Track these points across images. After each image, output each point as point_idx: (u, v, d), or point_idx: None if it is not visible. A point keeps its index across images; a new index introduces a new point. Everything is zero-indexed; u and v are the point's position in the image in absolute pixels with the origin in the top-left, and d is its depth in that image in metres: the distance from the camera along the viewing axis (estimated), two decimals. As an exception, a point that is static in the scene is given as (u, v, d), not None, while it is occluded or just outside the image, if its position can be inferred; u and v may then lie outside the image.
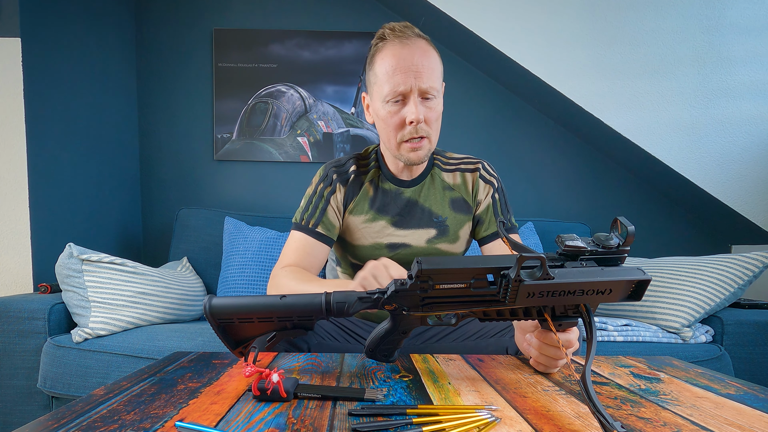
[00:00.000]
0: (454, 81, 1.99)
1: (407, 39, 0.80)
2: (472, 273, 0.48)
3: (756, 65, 1.60)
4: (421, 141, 0.83)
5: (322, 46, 1.98)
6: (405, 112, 0.81)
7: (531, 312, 0.53)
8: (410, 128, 0.81)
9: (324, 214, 0.90)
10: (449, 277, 0.48)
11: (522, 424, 0.40)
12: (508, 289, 0.46)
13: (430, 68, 0.80)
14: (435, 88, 0.81)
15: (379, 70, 0.82)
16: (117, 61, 1.87)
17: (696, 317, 1.25)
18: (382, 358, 0.62)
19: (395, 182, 0.93)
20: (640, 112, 1.65)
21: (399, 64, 0.79)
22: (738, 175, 1.64)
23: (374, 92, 0.85)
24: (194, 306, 1.51)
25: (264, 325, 0.57)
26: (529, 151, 2.02)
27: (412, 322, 0.56)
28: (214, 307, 0.55)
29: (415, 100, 0.80)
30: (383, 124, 0.84)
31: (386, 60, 0.80)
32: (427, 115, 0.81)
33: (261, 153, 2.00)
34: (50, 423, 0.40)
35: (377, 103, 0.84)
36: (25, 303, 1.21)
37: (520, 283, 0.45)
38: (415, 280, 0.49)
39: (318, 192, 0.92)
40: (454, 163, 0.96)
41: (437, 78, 0.82)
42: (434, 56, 0.82)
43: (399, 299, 0.52)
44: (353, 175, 0.93)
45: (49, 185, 1.50)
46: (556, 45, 1.65)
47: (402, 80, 0.79)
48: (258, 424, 0.40)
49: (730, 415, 0.44)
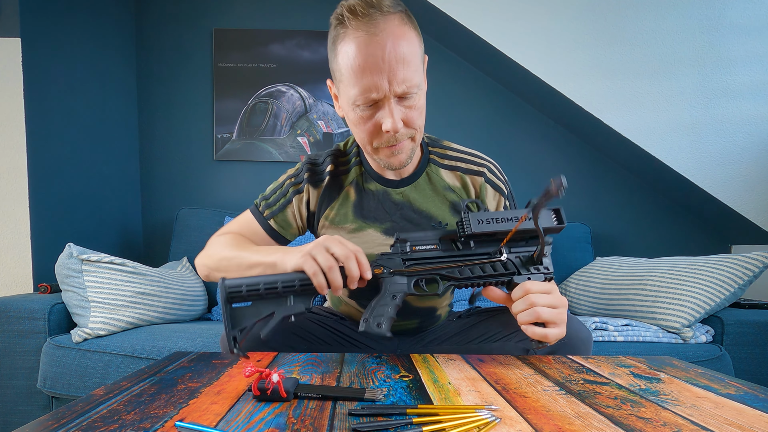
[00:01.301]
0: (454, 81, 1.99)
1: (374, 26, 0.62)
2: (437, 233, 0.66)
3: (756, 65, 1.60)
4: (400, 144, 0.70)
5: (322, 46, 1.98)
6: (380, 118, 0.67)
7: (497, 267, 0.64)
8: (388, 136, 0.68)
9: (282, 210, 0.81)
10: (420, 238, 0.65)
11: (522, 424, 0.40)
12: (463, 222, 0.62)
13: (406, 61, 0.64)
14: (414, 85, 0.65)
15: (343, 65, 0.66)
16: (117, 61, 1.87)
17: (696, 317, 1.25)
18: (375, 327, 0.62)
19: (382, 182, 0.80)
20: (640, 112, 1.65)
21: (366, 62, 0.63)
22: (738, 175, 1.64)
23: (341, 89, 0.70)
24: (194, 306, 1.51)
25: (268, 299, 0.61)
26: (529, 151, 2.02)
27: (400, 286, 0.64)
28: (228, 281, 0.62)
29: (391, 107, 0.65)
30: (355, 128, 0.71)
31: (350, 55, 0.64)
32: (407, 116, 0.68)
33: (261, 153, 2.00)
34: (50, 423, 0.40)
35: (345, 103, 0.70)
36: (25, 303, 1.21)
37: (468, 213, 0.62)
38: (395, 243, 0.65)
39: (284, 186, 0.82)
40: (453, 157, 0.82)
41: (415, 69, 0.65)
42: (409, 39, 0.65)
43: (384, 261, 0.64)
44: (329, 176, 0.80)
45: (49, 185, 1.50)
46: (557, 45, 1.65)
47: (372, 84, 0.64)
48: (258, 424, 0.40)
49: (730, 415, 0.44)
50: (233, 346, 0.60)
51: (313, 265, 0.60)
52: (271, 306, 0.61)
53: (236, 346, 0.60)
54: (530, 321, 0.59)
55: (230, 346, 0.60)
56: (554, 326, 0.59)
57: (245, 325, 0.61)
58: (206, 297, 1.63)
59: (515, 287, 0.62)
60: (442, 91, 1.99)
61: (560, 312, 0.60)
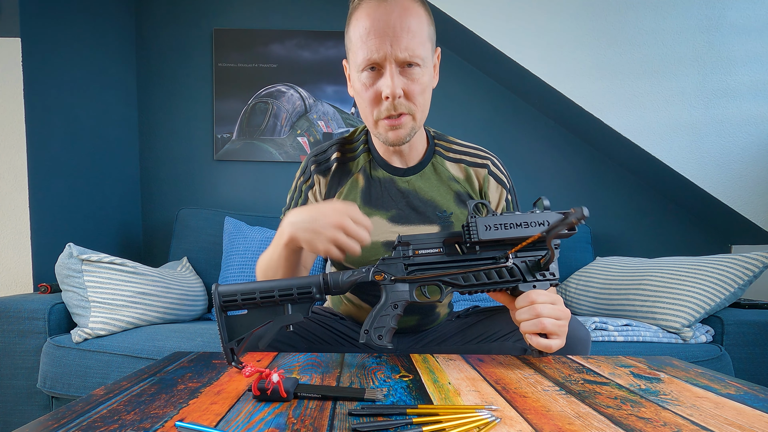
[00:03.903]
0: (454, 81, 1.99)
1: None
2: (441, 236, 0.62)
3: (756, 65, 1.60)
4: (400, 118, 0.71)
5: (322, 46, 1.98)
6: (380, 85, 0.69)
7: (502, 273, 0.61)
8: (387, 104, 0.70)
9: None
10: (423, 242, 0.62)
11: (522, 424, 0.40)
12: (470, 227, 0.58)
13: (411, 31, 0.67)
14: (417, 56, 0.68)
15: (353, 33, 0.71)
16: (117, 61, 1.87)
17: (696, 317, 1.25)
18: (377, 339, 0.61)
19: (389, 170, 0.81)
20: (640, 112, 1.65)
21: (373, 26, 0.67)
22: (738, 175, 1.64)
23: (350, 59, 0.74)
24: (194, 306, 1.51)
25: (264, 308, 0.59)
26: (529, 151, 2.01)
27: (401, 294, 0.61)
28: (222, 288, 0.59)
29: (391, 70, 0.68)
30: (359, 98, 0.74)
31: (360, 21, 0.69)
32: (408, 87, 0.69)
33: (261, 153, 2.00)
34: (50, 423, 0.40)
35: (353, 72, 0.74)
36: (25, 303, 1.21)
37: (476, 218, 0.58)
38: (397, 246, 0.62)
39: (297, 188, 0.85)
40: (459, 151, 0.85)
41: (420, 43, 0.68)
42: (418, 16, 0.69)
43: (386, 267, 0.62)
44: (336, 163, 0.82)
45: (49, 185, 1.50)
46: (557, 45, 1.65)
47: (375, 46, 0.67)
48: (258, 424, 0.40)
49: (730, 415, 0.44)
50: (231, 359, 0.57)
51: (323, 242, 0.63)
52: (267, 314, 0.59)
53: (234, 358, 0.57)
54: (534, 332, 0.59)
55: (228, 358, 0.57)
56: (556, 337, 0.59)
57: (242, 336, 0.57)
58: (206, 297, 1.63)
59: (520, 295, 0.61)
60: (443, 91, 1.98)
61: (563, 324, 0.59)
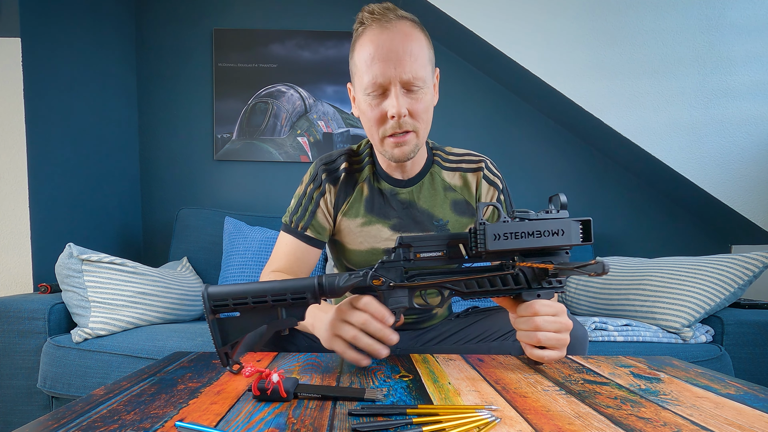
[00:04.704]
0: (454, 81, 1.99)
1: (387, 23, 0.73)
2: (444, 238, 0.58)
3: (756, 65, 1.60)
4: (405, 136, 0.75)
5: (322, 46, 1.98)
6: (386, 106, 0.73)
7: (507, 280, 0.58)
8: (392, 122, 0.74)
9: (313, 216, 0.85)
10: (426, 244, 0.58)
11: (522, 424, 0.40)
12: (477, 235, 0.55)
13: (413, 55, 0.72)
14: (419, 78, 0.72)
15: (358, 59, 0.75)
16: (117, 61, 1.87)
17: (696, 317, 1.25)
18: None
19: (390, 181, 0.86)
20: (640, 112, 1.65)
21: (377, 51, 0.71)
22: (738, 175, 1.64)
23: (356, 83, 0.78)
24: (194, 306, 1.51)
25: (258, 311, 0.56)
26: (529, 151, 2.01)
27: (400, 300, 0.59)
28: (212, 290, 0.56)
29: (396, 92, 0.72)
30: (365, 118, 0.78)
31: (365, 47, 0.73)
32: (412, 107, 0.73)
33: (261, 153, 2.00)
34: (50, 423, 0.40)
35: (359, 94, 0.77)
36: (25, 303, 1.21)
37: (485, 225, 0.54)
38: (397, 248, 0.57)
39: (307, 193, 0.87)
40: (455, 160, 0.88)
41: (422, 66, 0.73)
42: (419, 40, 0.73)
43: (385, 271, 0.58)
44: (344, 173, 0.86)
45: (49, 185, 1.50)
46: (556, 45, 1.65)
47: (381, 70, 0.71)
48: (258, 424, 0.40)
49: (730, 415, 0.44)
50: (226, 362, 0.56)
51: (340, 344, 0.59)
52: (261, 318, 0.56)
53: (229, 362, 0.56)
54: (530, 344, 0.58)
55: (223, 362, 0.56)
56: (554, 350, 0.58)
57: (235, 340, 0.56)
58: (206, 297, 1.63)
59: (522, 303, 0.59)
60: (443, 91, 1.98)
61: (562, 337, 0.58)
